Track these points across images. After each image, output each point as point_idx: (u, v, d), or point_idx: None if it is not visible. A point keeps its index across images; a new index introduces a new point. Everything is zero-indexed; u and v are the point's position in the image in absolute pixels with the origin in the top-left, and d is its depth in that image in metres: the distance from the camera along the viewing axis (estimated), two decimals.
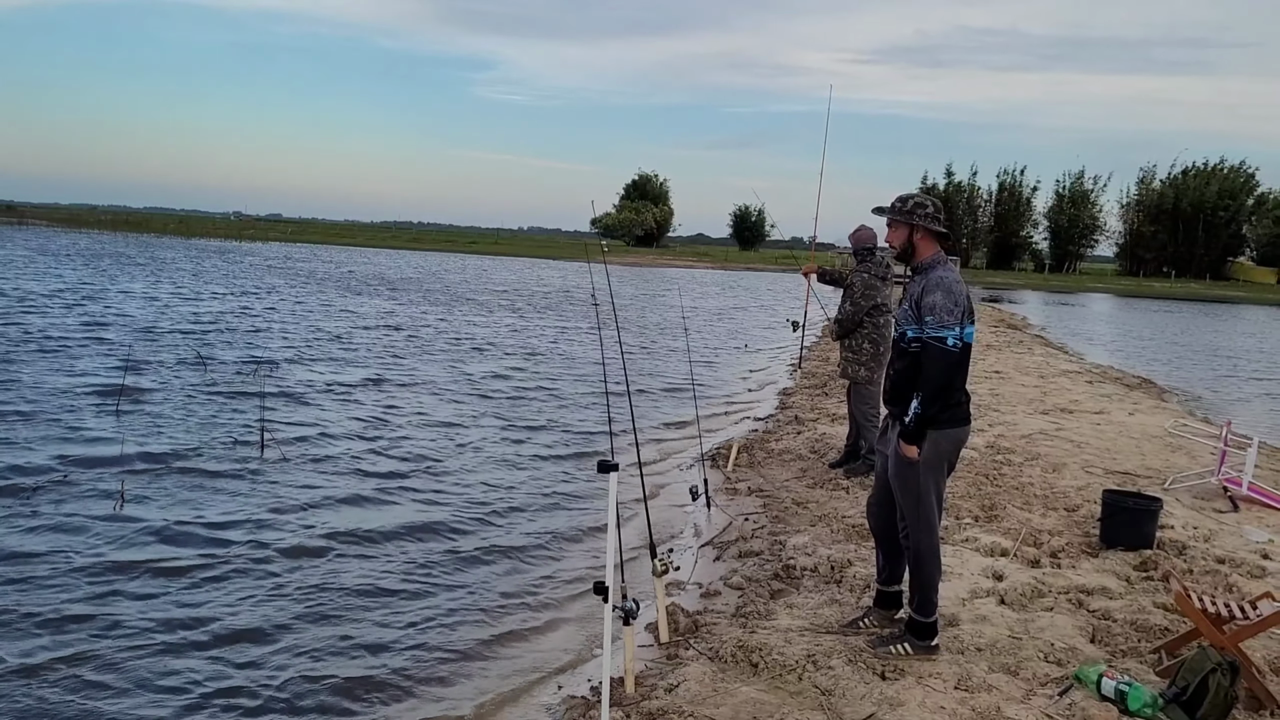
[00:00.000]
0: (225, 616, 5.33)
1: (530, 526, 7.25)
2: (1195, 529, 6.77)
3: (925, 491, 4.34)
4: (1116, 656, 4.61)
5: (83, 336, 15.62)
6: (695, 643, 4.77)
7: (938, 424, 4.28)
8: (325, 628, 5.27)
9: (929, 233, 4.43)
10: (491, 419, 11.08)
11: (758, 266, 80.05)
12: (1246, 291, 69.58)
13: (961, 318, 4.24)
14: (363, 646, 5.08)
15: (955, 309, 4.22)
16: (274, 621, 5.29)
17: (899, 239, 4.45)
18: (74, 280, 27.31)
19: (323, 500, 7.52)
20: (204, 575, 5.90)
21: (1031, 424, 10.71)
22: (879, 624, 4.79)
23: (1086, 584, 5.54)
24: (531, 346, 18.70)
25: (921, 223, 4.40)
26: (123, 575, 5.84)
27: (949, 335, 4.20)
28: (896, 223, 4.45)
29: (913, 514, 4.40)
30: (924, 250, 4.43)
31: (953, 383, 4.29)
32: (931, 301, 4.23)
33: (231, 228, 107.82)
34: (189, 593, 5.64)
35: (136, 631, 5.08)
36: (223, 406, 10.72)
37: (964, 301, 4.29)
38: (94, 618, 5.22)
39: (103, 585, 5.66)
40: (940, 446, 4.33)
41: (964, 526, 6.63)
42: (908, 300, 4.40)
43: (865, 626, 4.79)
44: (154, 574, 5.89)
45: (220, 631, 5.14)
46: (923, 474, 4.32)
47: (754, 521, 7.11)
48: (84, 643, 4.93)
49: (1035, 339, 25.08)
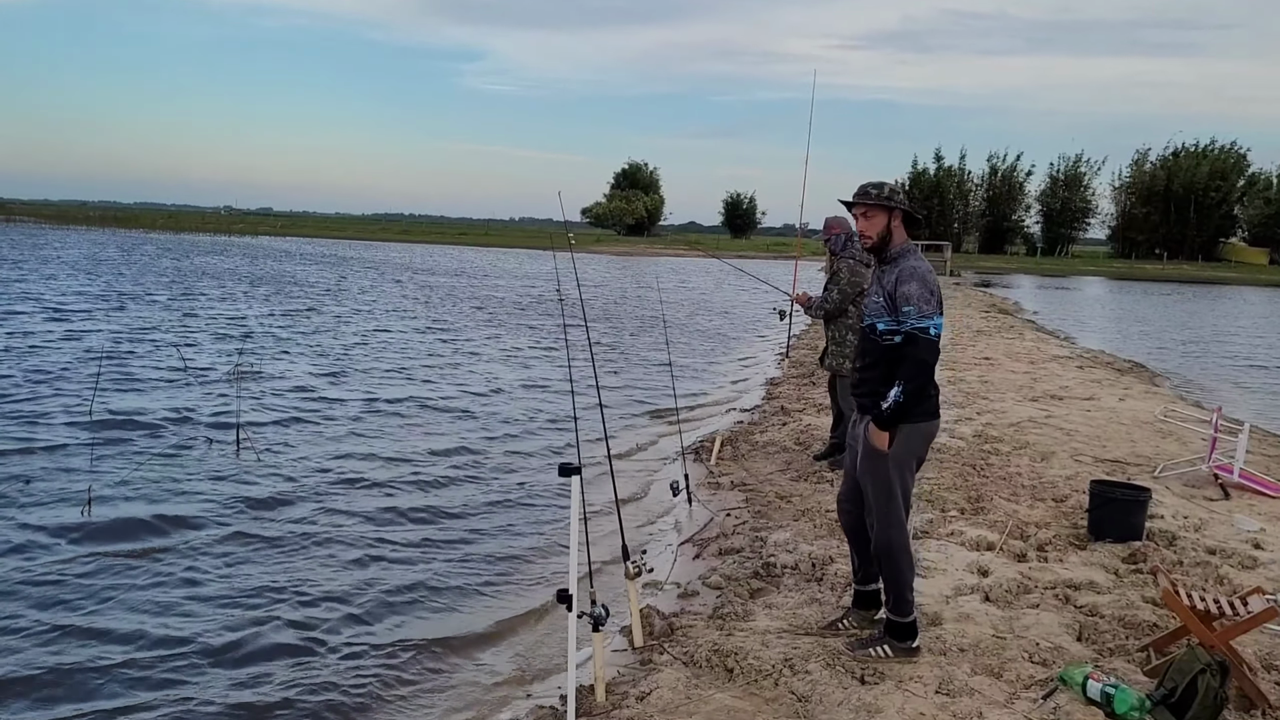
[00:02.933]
0: (183, 623, 5.16)
1: (503, 530, 7.04)
2: (1185, 518, 6.63)
3: (895, 486, 4.21)
4: (1104, 655, 4.47)
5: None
6: (670, 647, 4.62)
7: (911, 417, 4.15)
8: (284, 636, 5.10)
9: (904, 218, 4.29)
10: (465, 418, 10.88)
11: (749, 255, 79.82)
12: (1239, 273, 69.55)
13: (938, 306, 4.12)
14: (329, 655, 4.91)
15: (931, 298, 4.10)
16: (228, 633, 5.12)
17: (876, 228, 4.26)
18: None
19: (295, 500, 7.35)
20: (162, 581, 5.73)
21: (1021, 412, 10.57)
22: (858, 625, 4.64)
23: (1074, 578, 5.39)
24: (500, 344, 18.50)
25: (901, 206, 4.26)
26: (91, 578, 5.69)
27: (930, 325, 4.07)
28: (874, 210, 4.26)
29: (883, 509, 4.25)
30: (898, 237, 4.28)
31: (932, 374, 4.17)
32: (907, 291, 4.09)
33: (221, 222, 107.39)
34: (142, 598, 5.48)
35: (96, 634, 4.93)
36: (198, 406, 10.53)
37: (937, 290, 4.17)
38: (59, 624, 5.08)
39: (69, 590, 5.51)
40: (911, 441, 4.21)
41: (949, 519, 6.48)
42: (879, 292, 4.24)
43: (844, 628, 4.64)
44: (116, 575, 5.74)
45: (177, 637, 4.98)
46: (893, 468, 4.19)
47: (735, 517, 6.95)
48: (47, 649, 4.80)
49: (1026, 324, 24.95)
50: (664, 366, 14.15)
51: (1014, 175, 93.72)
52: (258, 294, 25.60)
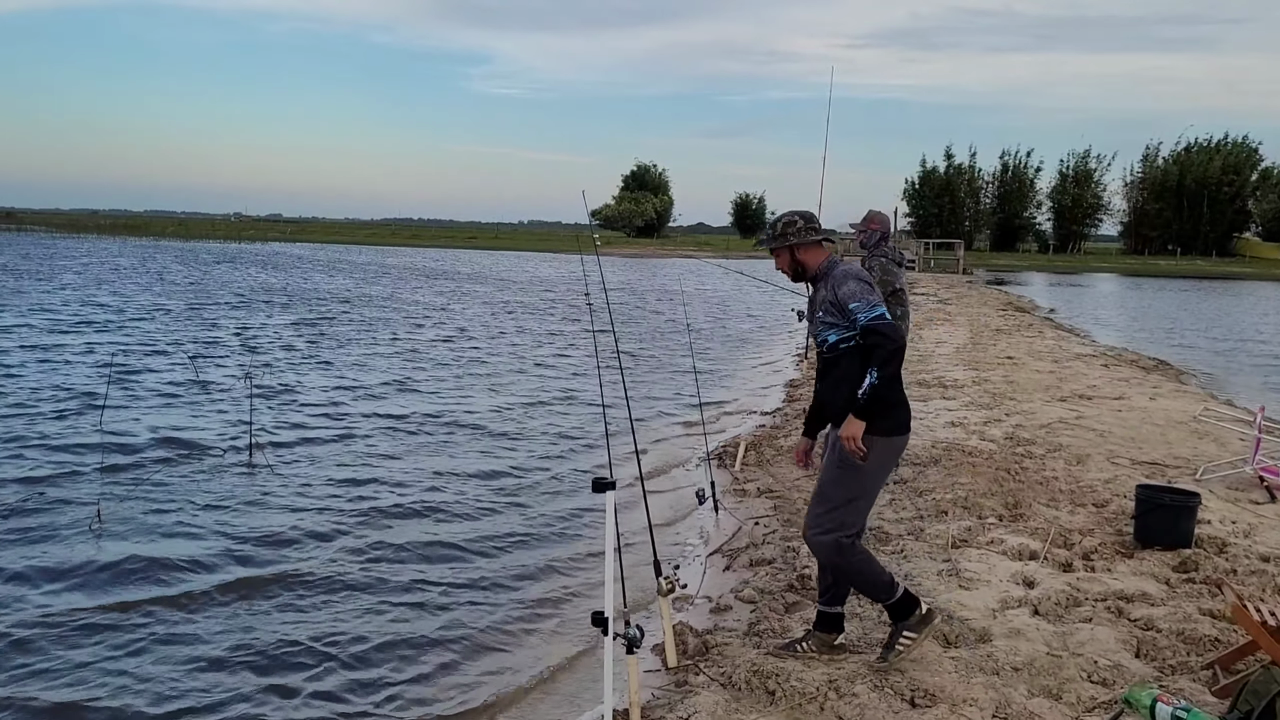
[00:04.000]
0: (200, 635, 4.97)
1: (531, 546, 6.76)
2: (1234, 523, 6.38)
3: (862, 495, 4.14)
4: (1165, 673, 4.23)
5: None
6: (706, 667, 4.39)
7: (885, 429, 4.02)
8: (301, 654, 4.90)
9: (809, 245, 4.25)
10: (488, 426, 10.65)
11: (761, 255, 79.56)
12: (1254, 268, 68.93)
13: (881, 298, 4.07)
14: (347, 679, 4.71)
15: (871, 289, 4.05)
16: (249, 649, 4.92)
17: (785, 263, 4.30)
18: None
19: (311, 513, 7.15)
20: (175, 593, 5.55)
21: (1050, 412, 10.31)
22: (817, 648, 4.41)
23: (1125, 589, 5.15)
24: (526, 346, 18.32)
25: (796, 240, 4.23)
26: (102, 589, 5.56)
27: (881, 310, 3.99)
28: (778, 250, 4.29)
29: (839, 509, 4.09)
30: (812, 261, 4.26)
31: (900, 367, 4.08)
32: (847, 291, 4.03)
33: (231, 228, 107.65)
34: (155, 609, 5.29)
35: (104, 644, 4.74)
36: (211, 411, 10.36)
37: (875, 284, 4.14)
38: (72, 634, 4.95)
39: (81, 600, 5.36)
40: (885, 455, 4.12)
41: (988, 527, 6.24)
42: (821, 307, 4.16)
43: (802, 651, 4.40)
44: (130, 585, 5.58)
45: (190, 648, 4.78)
46: (869, 476, 4.10)
47: (764, 526, 6.73)
48: (59, 658, 4.67)
49: (1044, 321, 24.63)
50: (686, 372, 13.91)
51: (1024, 171, 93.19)
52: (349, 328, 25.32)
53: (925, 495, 7.01)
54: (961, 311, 25.24)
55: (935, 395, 11.49)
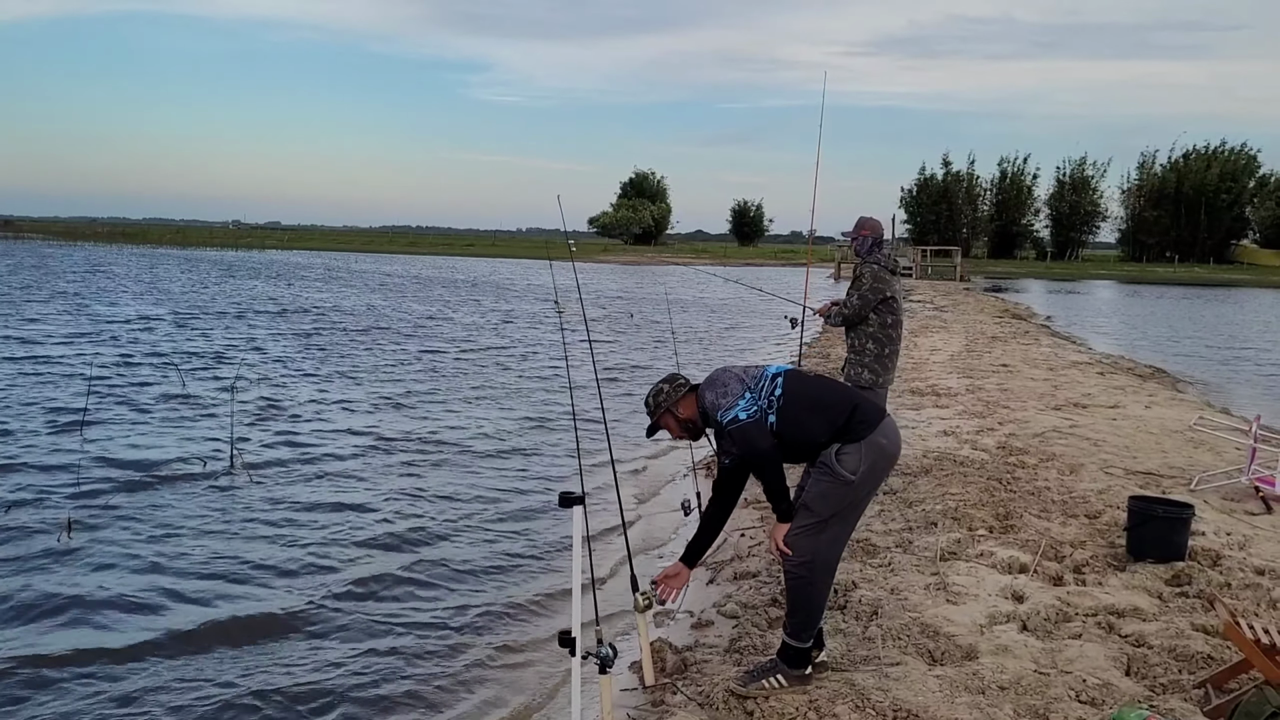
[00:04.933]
0: (173, 651, 4.84)
1: (508, 565, 6.56)
2: (1228, 535, 6.25)
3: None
4: (1156, 692, 4.09)
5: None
6: (684, 686, 4.26)
7: (853, 435, 3.89)
8: (269, 668, 4.76)
9: (681, 399, 4.15)
10: (470, 439, 10.45)
11: (757, 262, 79.48)
12: (1251, 275, 68.88)
13: (744, 387, 3.98)
14: (313, 697, 4.57)
15: (726, 388, 3.99)
16: (217, 666, 4.79)
17: (675, 426, 4.20)
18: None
19: (291, 525, 7.03)
20: (149, 613, 5.40)
21: (1044, 421, 10.18)
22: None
23: (1116, 604, 5.02)
24: (508, 355, 18.20)
25: (669, 403, 4.14)
26: (74, 605, 5.43)
27: (733, 412, 3.90)
28: (664, 421, 4.20)
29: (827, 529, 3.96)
30: (689, 409, 4.14)
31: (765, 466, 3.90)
32: (711, 402, 4.01)
33: (229, 236, 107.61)
34: (127, 629, 5.15)
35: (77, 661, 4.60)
36: (191, 425, 10.23)
37: (735, 374, 4.09)
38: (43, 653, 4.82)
39: (49, 617, 5.24)
40: (877, 461, 3.97)
41: (978, 539, 6.11)
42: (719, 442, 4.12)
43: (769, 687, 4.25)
44: (96, 607, 5.41)
45: (166, 663, 4.65)
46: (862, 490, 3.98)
47: (750, 538, 6.60)
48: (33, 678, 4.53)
49: (1041, 329, 24.52)
50: None
51: (1022, 178, 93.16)
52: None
53: (915, 506, 6.88)
54: (958, 319, 25.13)
55: (928, 404, 11.37)
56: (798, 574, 3.94)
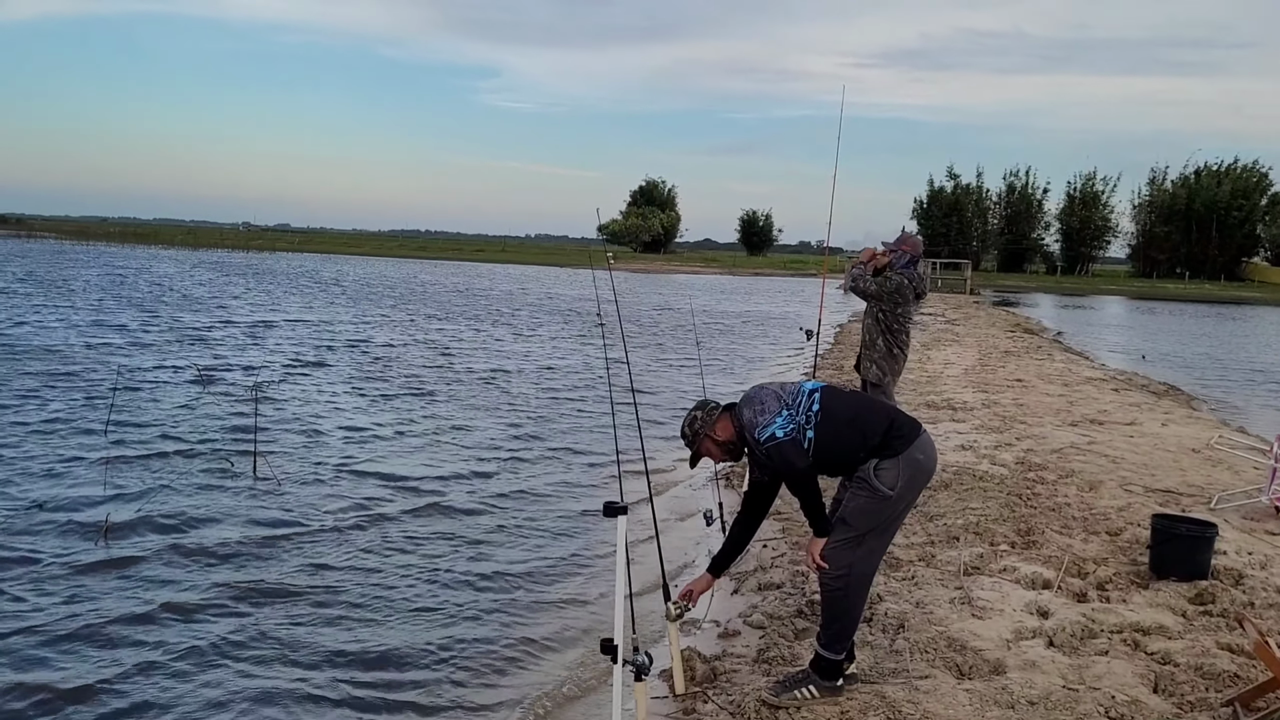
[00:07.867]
0: (202, 650, 4.91)
1: (541, 570, 6.66)
2: (1250, 554, 6.28)
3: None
4: (1184, 710, 4.13)
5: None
6: (714, 695, 4.32)
7: (890, 451, 3.93)
8: (297, 676, 4.83)
9: (717, 422, 4.14)
10: (498, 445, 10.53)
11: (766, 272, 79.49)
12: (1262, 292, 68.65)
13: (781, 404, 3.99)
14: (352, 698, 4.64)
15: (764, 405, 4.00)
16: (252, 669, 4.86)
17: (717, 452, 4.19)
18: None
19: (315, 528, 7.10)
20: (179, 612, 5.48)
21: (1061, 437, 10.21)
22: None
23: (1141, 621, 5.06)
24: (536, 363, 18.27)
25: (706, 428, 4.14)
26: (111, 601, 5.53)
27: (772, 429, 3.92)
28: (705, 443, 4.16)
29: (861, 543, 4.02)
30: (726, 431, 4.13)
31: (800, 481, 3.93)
32: (749, 419, 4.00)
33: (239, 238, 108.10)
34: (160, 626, 5.22)
35: (111, 657, 4.67)
36: (215, 426, 10.32)
37: (772, 391, 4.10)
38: (81, 650, 4.92)
39: (89, 616, 5.30)
40: (916, 477, 4.01)
41: (1000, 554, 6.15)
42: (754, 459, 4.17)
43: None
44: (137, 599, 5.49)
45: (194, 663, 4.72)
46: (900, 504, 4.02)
47: (772, 548, 6.65)
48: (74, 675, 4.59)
49: (1053, 343, 24.52)
50: (695, 390, 13.80)
51: (1031, 193, 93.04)
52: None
53: (936, 520, 6.92)
54: (970, 332, 25.14)
55: (944, 418, 11.40)
56: (834, 587, 3.99)
